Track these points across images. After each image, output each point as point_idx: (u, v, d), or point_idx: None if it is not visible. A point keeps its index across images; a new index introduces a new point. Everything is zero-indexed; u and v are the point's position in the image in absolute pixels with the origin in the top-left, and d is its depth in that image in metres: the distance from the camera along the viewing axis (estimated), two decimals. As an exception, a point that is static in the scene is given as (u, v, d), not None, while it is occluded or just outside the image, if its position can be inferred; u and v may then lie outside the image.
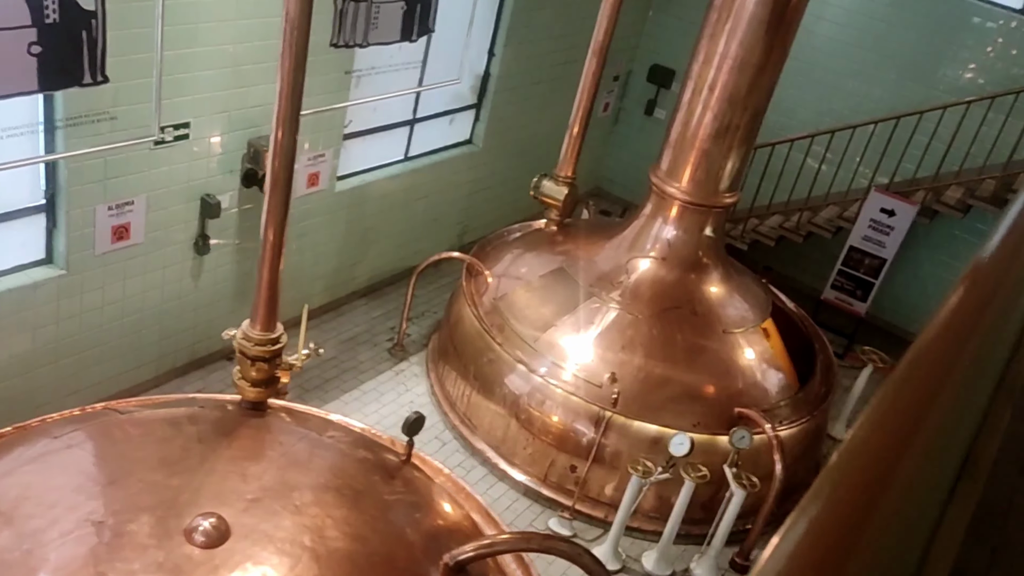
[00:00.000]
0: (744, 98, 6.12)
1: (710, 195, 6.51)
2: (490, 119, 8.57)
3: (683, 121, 6.41)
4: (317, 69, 5.77)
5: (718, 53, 6.08)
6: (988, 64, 8.95)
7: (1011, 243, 1.61)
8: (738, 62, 6.02)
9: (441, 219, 8.63)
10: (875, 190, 8.82)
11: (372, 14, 4.89)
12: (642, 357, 6.24)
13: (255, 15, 5.50)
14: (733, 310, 6.71)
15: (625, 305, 6.44)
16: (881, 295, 9.45)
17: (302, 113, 3.82)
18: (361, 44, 4.96)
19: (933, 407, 1.04)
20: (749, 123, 6.27)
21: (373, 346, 7.46)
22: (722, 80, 6.10)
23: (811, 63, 9.78)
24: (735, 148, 6.35)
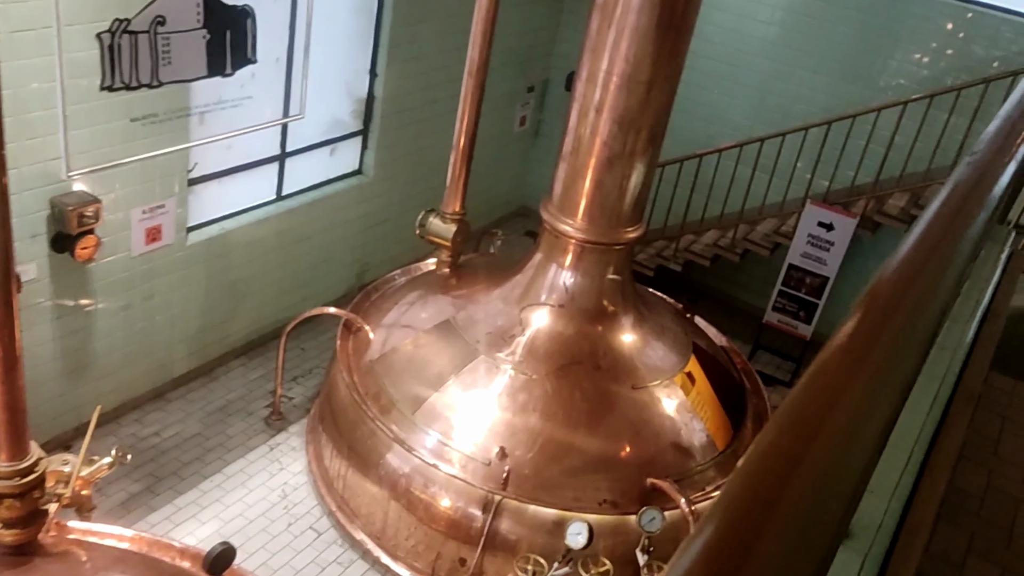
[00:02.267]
0: (636, 119, 5.28)
1: (609, 231, 5.66)
2: (380, 146, 7.67)
3: (571, 148, 5.55)
4: (96, 117, 4.84)
5: (602, 70, 5.22)
6: (929, 60, 8.18)
7: (916, 259, 1.56)
8: (625, 79, 5.17)
9: (333, 260, 7.73)
10: (811, 202, 8.02)
11: (160, 48, 4.01)
12: (538, 425, 5.38)
13: (35, 54, 4.58)
14: (645, 360, 5.87)
15: (518, 364, 5.57)
16: (828, 312, 8.67)
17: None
18: (151, 84, 4.09)
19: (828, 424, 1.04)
20: (646, 146, 5.42)
21: (248, 415, 6.54)
22: (609, 101, 5.25)
23: (739, 66, 8.98)
24: (632, 176, 5.51)
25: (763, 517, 0.87)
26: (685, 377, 5.98)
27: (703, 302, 9.59)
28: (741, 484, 0.94)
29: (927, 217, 2.03)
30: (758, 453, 0.97)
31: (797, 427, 1.02)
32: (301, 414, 6.66)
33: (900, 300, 1.41)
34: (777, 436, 1.00)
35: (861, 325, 1.31)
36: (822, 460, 0.97)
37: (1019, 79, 7.33)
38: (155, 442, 6.10)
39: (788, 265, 8.25)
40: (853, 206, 8.21)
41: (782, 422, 1.01)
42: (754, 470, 0.95)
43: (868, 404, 1.18)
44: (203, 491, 5.78)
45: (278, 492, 5.90)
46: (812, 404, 1.08)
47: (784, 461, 0.95)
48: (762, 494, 0.90)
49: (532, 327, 5.72)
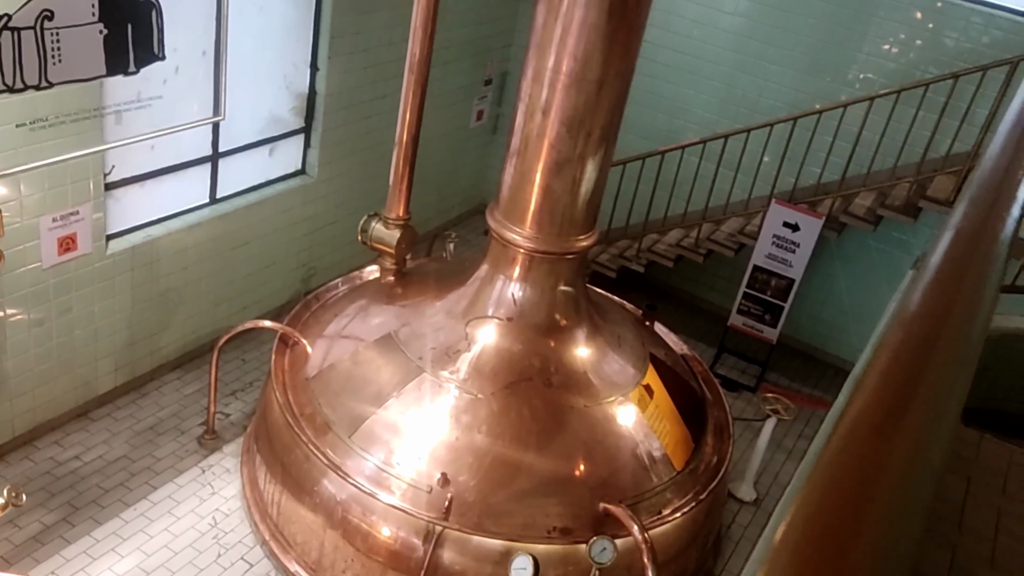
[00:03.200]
0: (585, 120, 4.92)
1: (560, 240, 5.31)
2: (324, 144, 7.26)
3: (517, 151, 5.19)
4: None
5: (548, 68, 4.85)
6: (898, 52, 7.90)
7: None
8: (573, 78, 4.80)
9: (276, 265, 7.32)
10: (775, 202, 7.73)
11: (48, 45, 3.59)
12: (484, 448, 5.03)
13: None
14: (600, 375, 5.54)
15: (463, 382, 5.22)
16: (795, 314, 8.41)
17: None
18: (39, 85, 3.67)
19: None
20: (597, 149, 5.07)
21: (180, 434, 6.13)
22: (556, 101, 4.89)
23: (704, 58, 8.66)
24: (583, 180, 5.15)
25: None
26: (643, 390, 5.66)
27: (667, 303, 9.30)
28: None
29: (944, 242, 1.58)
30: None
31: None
32: (239, 431, 6.27)
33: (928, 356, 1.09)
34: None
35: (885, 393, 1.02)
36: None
37: (988, 74, 7.07)
38: (75, 466, 5.68)
39: (753, 267, 7.97)
40: (819, 205, 7.93)
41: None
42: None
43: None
44: (125, 520, 5.37)
45: (208, 520, 5.51)
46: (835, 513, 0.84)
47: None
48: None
49: (478, 342, 5.37)
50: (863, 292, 8.51)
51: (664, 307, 9.32)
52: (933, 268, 1.35)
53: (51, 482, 5.52)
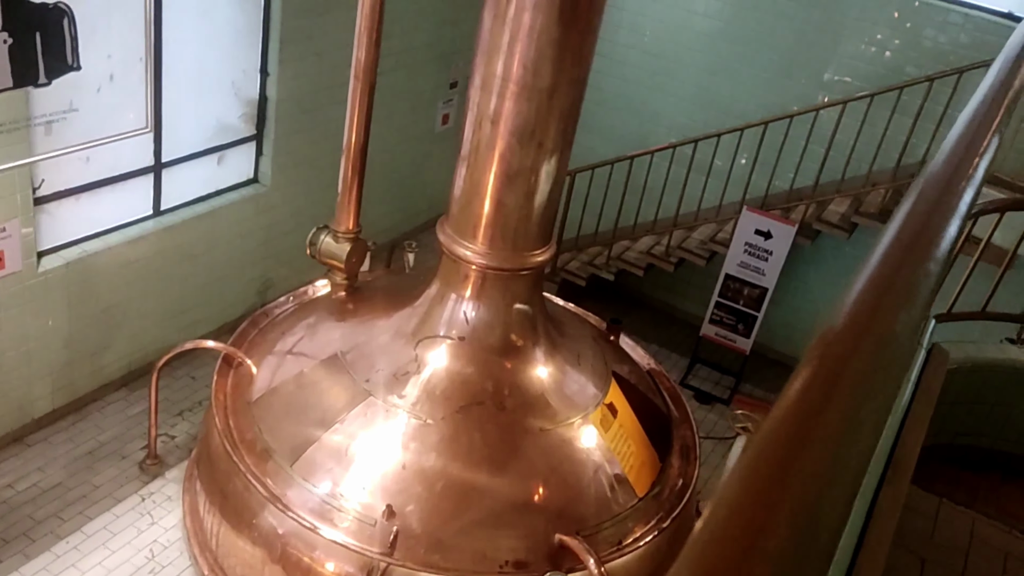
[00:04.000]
0: (536, 130, 4.65)
1: (513, 256, 5.04)
2: (277, 152, 6.97)
3: (467, 163, 4.92)
4: None
5: (496, 76, 4.59)
6: (874, 53, 7.68)
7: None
8: (522, 86, 4.54)
9: (229, 278, 7.03)
10: (747, 209, 7.50)
11: (-58, 57, 3.31)
12: (432, 477, 4.76)
13: None
14: (558, 396, 5.28)
15: (412, 406, 4.95)
16: (769, 322, 8.19)
17: None
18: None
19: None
20: (550, 160, 4.81)
21: (121, 459, 5.84)
22: (506, 110, 4.62)
23: (675, 61, 8.42)
24: (536, 193, 4.89)
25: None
26: (603, 411, 5.41)
27: (640, 311, 9.08)
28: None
29: (885, 241, 1.44)
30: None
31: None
32: (184, 455, 5.98)
33: (852, 353, 1.10)
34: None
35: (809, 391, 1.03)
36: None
37: (964, 76, 6.86)
38: (7, 496, 5.38)
39: (725, 275, 7.74)
40: (792, 212, 7.71)
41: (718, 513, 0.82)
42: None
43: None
44: (56, 555, 5.08)
45: (145, 552, 5.23)
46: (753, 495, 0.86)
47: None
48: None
49: (428, 364, 5.10)
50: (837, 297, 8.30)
51: (636, 316, 9.10)
52: (864, 276, 1.30)
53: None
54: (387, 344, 5.26)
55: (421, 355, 5.15)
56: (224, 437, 5.04)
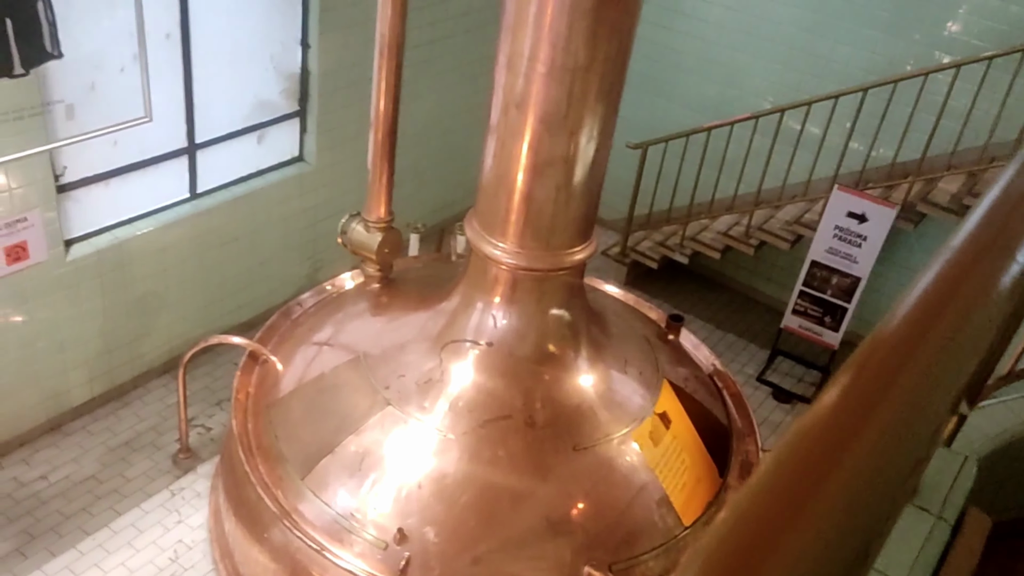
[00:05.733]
0: (568, 117, 4.07)
1: (546, 255, 4.51)
2: (321, 129, 6.61)
3: (493, 152, 4.39)
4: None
5: (523, 55, 4.01)
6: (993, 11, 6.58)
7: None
8: (550, 67, 3.95)
9: (275, 260, 6.79)
10: (839, 188, 6.64)
11: None
12: (451, 498, 4.37)
13: None
14: (596, 410, 4.76)
15: (432, 419, 4.55)
16: (864, 311, 7.34)
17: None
18: None
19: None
20: (584, 149, 4.22)
21: (155, 451, 5.73)
22: (533, 94, 4.05)
23: (762, 17, 7.53)
24: (570, 186, 4.32)
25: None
26: (649, 426, 4.85)
27: (716, 294, 8.37)
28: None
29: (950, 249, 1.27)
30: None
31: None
32: (218, 449, 5.83)
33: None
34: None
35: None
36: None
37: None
38: (39, 488, 5.35)
39: (811, 262, 6.93)
40: (893, 191, 6.80)
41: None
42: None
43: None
44: (81, 552, 5.01)
45: (169, 553, 5.09)
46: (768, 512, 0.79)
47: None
48: None
49: (453, 372, 4.67)
50: (946, 289, 7.33)
51: (713, 299, 8.39)
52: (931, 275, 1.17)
53: (11, 506, 5.20)
54: (412, 348, 4.86)
55: (446, 362, 4.72)
56: (240, 441, 4.79)
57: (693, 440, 5.13)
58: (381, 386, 4.73)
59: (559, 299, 4.74)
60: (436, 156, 7.98)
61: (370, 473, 4.51)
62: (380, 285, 5.56)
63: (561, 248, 4.54)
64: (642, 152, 7.69)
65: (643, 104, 8.27)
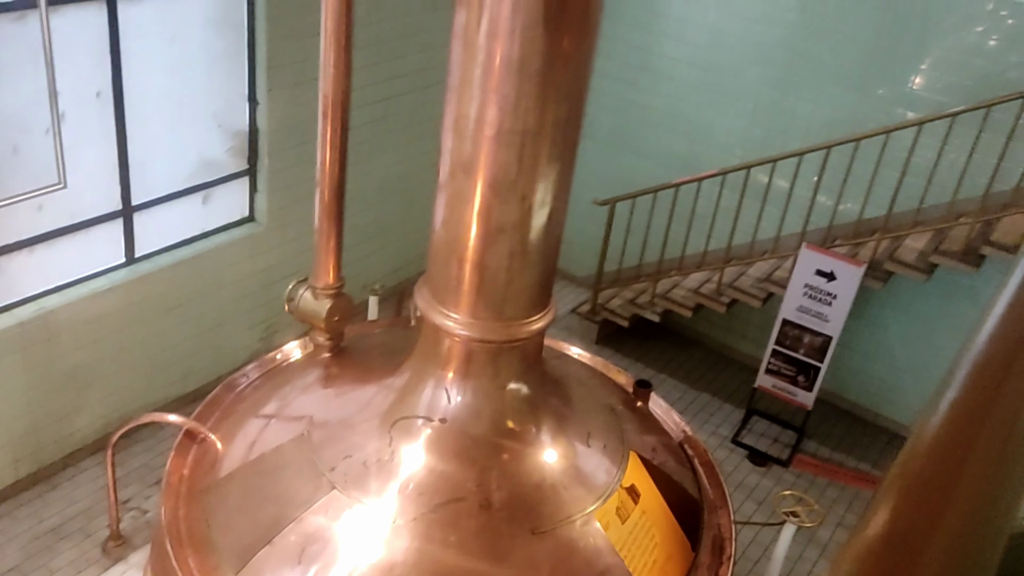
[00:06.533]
0: (518, 182, 3.84)
1: (502, 325, 4.22)
2: (273, 187, 6.36)
3: (442, 218, 4.14)
4: None
5: (470, 118, 3.79)
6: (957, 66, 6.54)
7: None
8: (498, 130, 3.74)
9: (227, 324, 6.47)
10: (806, 246, 6.48)
11: None
12: (399, 591, 4.02)
13: None
14: (558, 488, 4.45)
15: (380, 503, 4.21)
16: (839, 368, 7.15)
17: None
18: None
19: None
20: (537, 215, 3.98)
21: (85, 537, 5.32)
22: (481, 158, 3.83)
23: (728, 75, 7.44)
24: (525, 253, 4.08)
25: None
26: (613, 504, 4.54)
27: (690, 352, 8.15)
28: None
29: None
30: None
31: None
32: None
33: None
34: None
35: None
36: None
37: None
38: (-47, 583, 4.93)
39: (782, 321, 6.73)
40: (861, 248, 6.64)
41: None
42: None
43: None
44: (-6, 657, 4.58)
45: (90, 657, 4.67)
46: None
47: None
48: None
49: (403, 452, 4.34)
50: (921, 346, 7.16)
51: (686, 357, 8.16)
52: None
53: (-81, 605, 4.78)
54: (360, 425, 4.53)
55: (396, 441, 4.40)
56: (169, 530, 4.41)
57: (663, 514, 4.82)
58: (326, 468, 4.39)
59: (517, 371, 4.45)
60: (397, 214, 7.74)
61: (312, 565, 4.14)
62: (330, 355, 5.24)
63: (517, 318, 4.27)
64: (610, 208, 7.52)
65: (612, 159, 8.13)
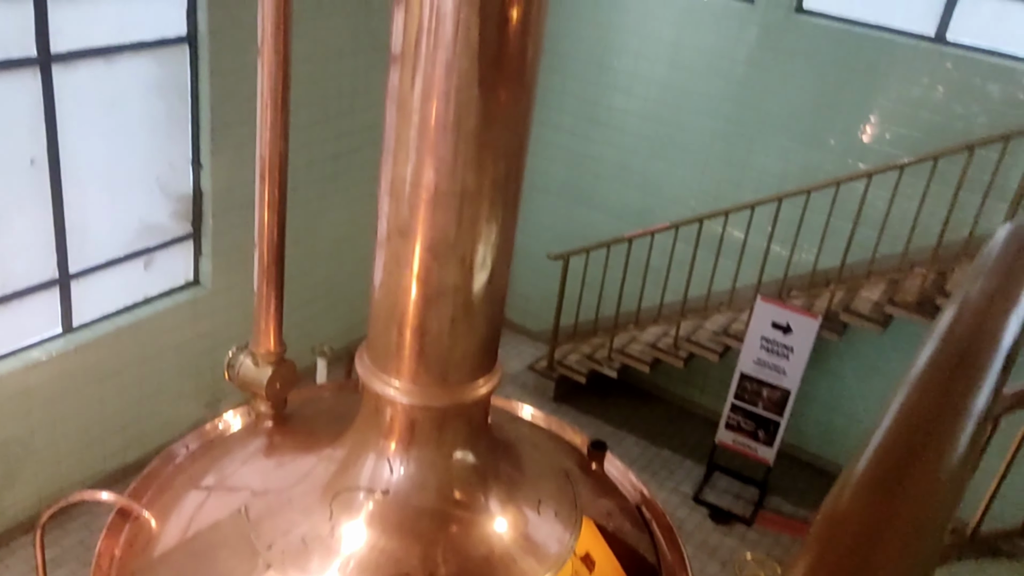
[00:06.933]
0: (456, 245, 3.76)
1: (444, 391, 4.05)
2: (218, 250, 6.23)
3: (381, 282, 4.02)
4: None
5: (405, 180, 3.71)
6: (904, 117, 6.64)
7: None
8: (434, 193, 3.66)
9: (170, 391, 6.26)
10: (761, 299, 6.45)
11: None
12: None
13: None
14: (507, 560, 4.28)
15: (320, 582, 4.02)
16: (800, 421, 7.08)
17: None
18: None
19: None
20: (478, 277, 3.89)
21: (13, 624, 5.04)
22: (418, 221, 3.73)
23: (677, 127, 7.50)
24: (466, 317, 3.97)
25: None
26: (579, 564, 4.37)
27: (649, 407, 8.04)
28: None
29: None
30: None
31: None
32: (89, 615, 5.13)
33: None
34: None
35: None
36: None
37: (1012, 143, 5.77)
38: None
39: (740, 374, 6.67)
40: (817, 300, 6.63)
41: None
42: None
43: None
44: None
45: None
46: None
47: None
48: None
49: (344, 526, 4.15)
50: (880, 397, 7.12)
51: (646, 413, 8.05)
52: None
53: None
54: (299, 499, 4.32)
55: (336, 515, 4.21)
56: (98, 620, 4.16)
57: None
58: (263, 545, 4.16)
59: (463, 437, 4.29)
60: (348, 272, 7.63)
61: (246, 653, 3.91)
62: (273, 423, 5.05)
63: (462, 383, 4.13)
64: (564, 262, 7.47)
65: (566, 212, 8.11)
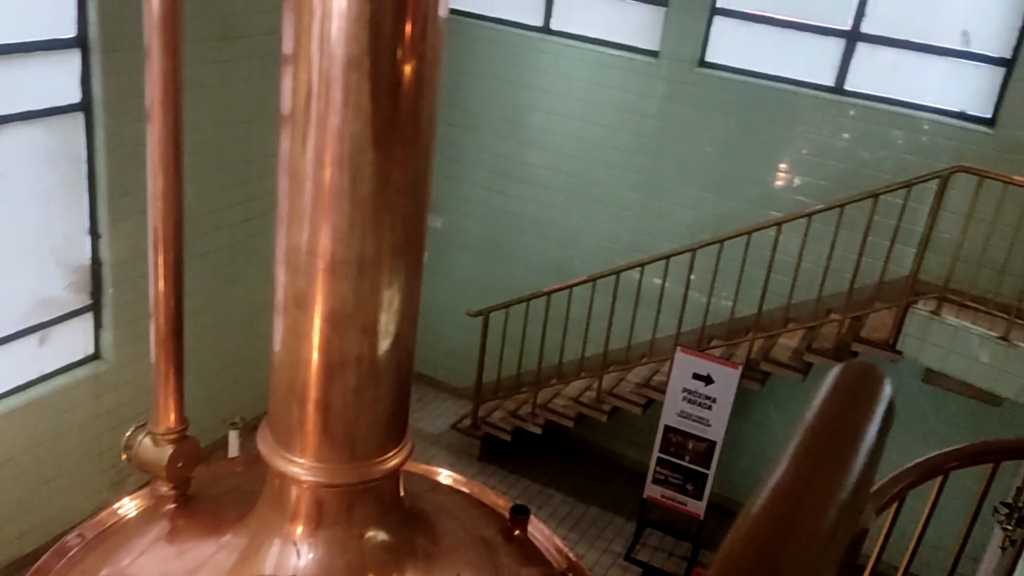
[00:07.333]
0: (356, 315, 3.62)
1: (351, 468, 3.83)
2: (119, 322, 5.95)
3: (279, 355, 3.86)
4: None
5: (301, 250, 3.57)
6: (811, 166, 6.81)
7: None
8: (332, 261, 3.53)
9: (71, 472, 5.89)
10: (680, 350, 6.45)
11: None
12: None
13: None
14: (425, 642, 4.08)
15: None
16: (729, 470, 7.05)
17: None
18: None
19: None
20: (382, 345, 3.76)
21: None
22: (314, 291, 3.60)
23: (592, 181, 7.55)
24: (372, 388, 3.82)
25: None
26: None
27: (576, 463, 7.93)
28: None
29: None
30: None
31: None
32: None
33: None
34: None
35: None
36: None
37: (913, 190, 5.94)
38: None
39: (664, 427, 6.62)
40: (737, 349, 6.67)
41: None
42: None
43: None
44: None
45: None
46: None
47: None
48: None
49: (247, 617, 3.92)
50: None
51: (573, 468, 7.93)
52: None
53: None
54: (199, 589, 4.08)
55: (239, 605, 3.96)
56: None
57: (548, 655, 4.48)
58: (159, 644, 3.89)
59: (374, 514, 4.09)
60: (262, 339, 7.36)
61: None
62: (175, 507, 4.77)
63: (369, 457, 3.93)
64: (484, 319, 7.37)
65: (485, 268, 8.06)
